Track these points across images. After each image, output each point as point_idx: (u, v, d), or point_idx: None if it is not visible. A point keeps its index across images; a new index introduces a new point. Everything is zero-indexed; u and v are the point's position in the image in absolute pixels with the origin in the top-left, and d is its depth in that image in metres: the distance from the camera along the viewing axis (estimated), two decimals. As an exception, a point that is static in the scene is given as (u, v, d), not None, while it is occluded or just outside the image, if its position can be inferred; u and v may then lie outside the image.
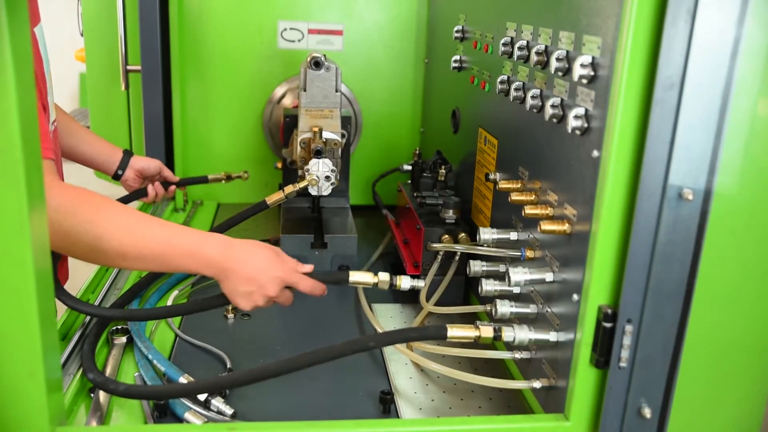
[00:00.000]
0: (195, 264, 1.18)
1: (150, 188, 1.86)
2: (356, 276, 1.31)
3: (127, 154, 1.83)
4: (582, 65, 0.98)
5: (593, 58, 0.97)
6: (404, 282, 1.33)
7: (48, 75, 1.37)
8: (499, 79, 1.37)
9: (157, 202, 1.93)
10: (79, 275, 1.67)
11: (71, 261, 1.66)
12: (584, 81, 0.99)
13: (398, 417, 1.21)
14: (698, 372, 1.00)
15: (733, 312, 0.99)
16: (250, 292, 1.20)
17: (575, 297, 1.01)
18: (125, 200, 1.84)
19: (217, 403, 1.17)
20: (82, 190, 1.15)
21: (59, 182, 1.16)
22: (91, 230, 1.11)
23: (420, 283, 1.34)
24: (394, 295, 1.70)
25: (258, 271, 1.19)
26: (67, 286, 1.69)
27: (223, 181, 2.01)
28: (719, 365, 1.01)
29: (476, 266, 1.38)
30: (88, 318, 1.43)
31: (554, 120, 1.10)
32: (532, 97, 1.19)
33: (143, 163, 1.85)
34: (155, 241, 1.15)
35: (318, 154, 1.61)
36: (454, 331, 1.11)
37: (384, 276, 1.32)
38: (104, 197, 1.17)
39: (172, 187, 1.92)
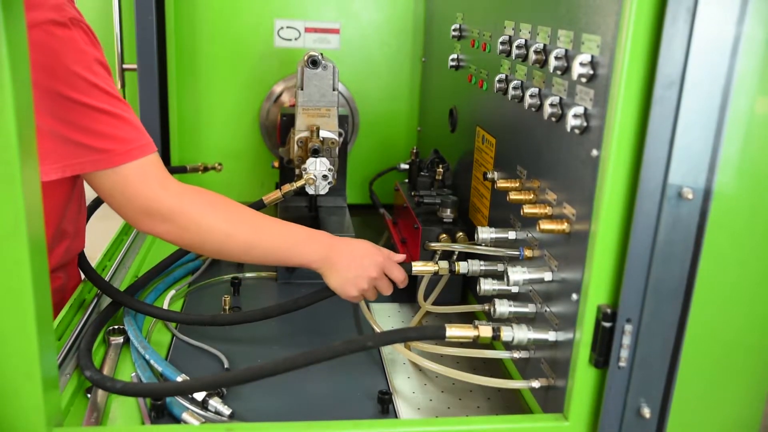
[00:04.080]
0: (308, 253, 1.32)
1: None
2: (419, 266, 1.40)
3: None
4: (581, 64, 0.97)
5: (592, 56, 0.97)
6: (462, 267, 1.39)
7: None
8: (497, 78, 1.36)
9: None
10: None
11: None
12: (583, 80, 0.98)
13: (396, 417, 1.20)
14: (698, 372, 0.99)
15: (733, 311, 0.98)
16: (355, 276, 1.32)
17: (574, 296, 1.01)
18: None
19: (215, 403, 1.16)
20: (205, 191, 1.31)
21: (179, 183, 1.27)
22: (223, 228, 1.26)
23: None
24: (392, 295, 1.69)
25: (360, 256, 1.33)
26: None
27: (200, 172, 2.11)
28: (719, 365, 1.01)
29: (474, 266, 1.38)
30: (85, 318, 1.43)
31: (553, 119, 1.10)
32: (531, 96, 1.18)
33: None
34: (277, 234, 1.32)
35: (315, 153, 1.61)
36: (453, 331, 1.11)
37: (443, 264, 1.39)
38: (224, 197, 1.32)
39: None
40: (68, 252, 1.44)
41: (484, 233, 1.31)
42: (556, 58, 1.06)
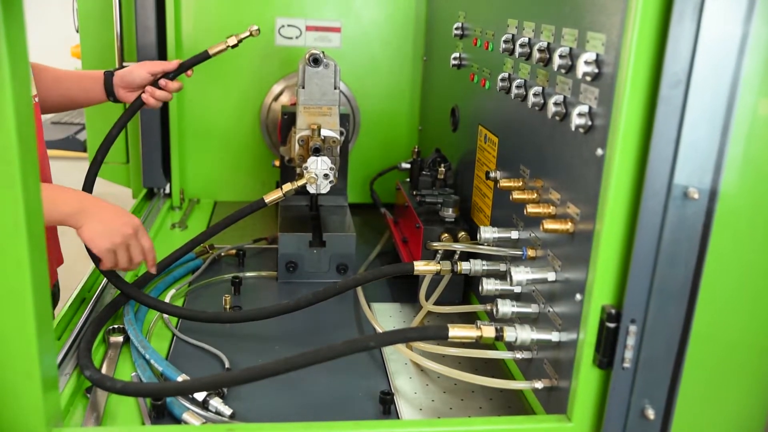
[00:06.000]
0: (62, 203, 1.27)
1: (144, 95, 1.64)
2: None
3: (108, 75, 1.66)
4: (586, 62, 0.97)
5: (597, 55, 0.96)
6: (464, 266, 1.37)
7: None
8: (499, 77, 1.36)
9: (169, 99, 1.67)
10: (76, 276, 1.65)
11: (67, 261, 1.65)
12: (588, 78, 0.98)
13: (398, 418, 1.20)
14: (702, 373, 0.99)
15: (738, 312, 0.98)
16: (110, 230, 1.31)
17: (578, 297, 1.00)
18: (128, 116, 1.65)
19: (216, 403, 1.16)
20: None
21: None
22: None
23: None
24: (393, 295, 1.69)
25: (117, 214, 1.33)
26: (65, 285, 1.69)
27: (230, 47, 1.70)
28: (723, 366, 1.00)
29: (476, 265, 1.37)
30: (84, 317, 1.42)
31: (557, 118, 1.09)
32: (534, 95, 1.18)
33: (125, 73, 1.65)
34: None
35: (316, 151, 1.60)
36: (456, 331, 1.10)
37: (445, 263, 1.38)
38: None
39: (163, 81, 1.65)
40: None
41: (487, 233, 1.30)
42: (561, 56, 1.05)
